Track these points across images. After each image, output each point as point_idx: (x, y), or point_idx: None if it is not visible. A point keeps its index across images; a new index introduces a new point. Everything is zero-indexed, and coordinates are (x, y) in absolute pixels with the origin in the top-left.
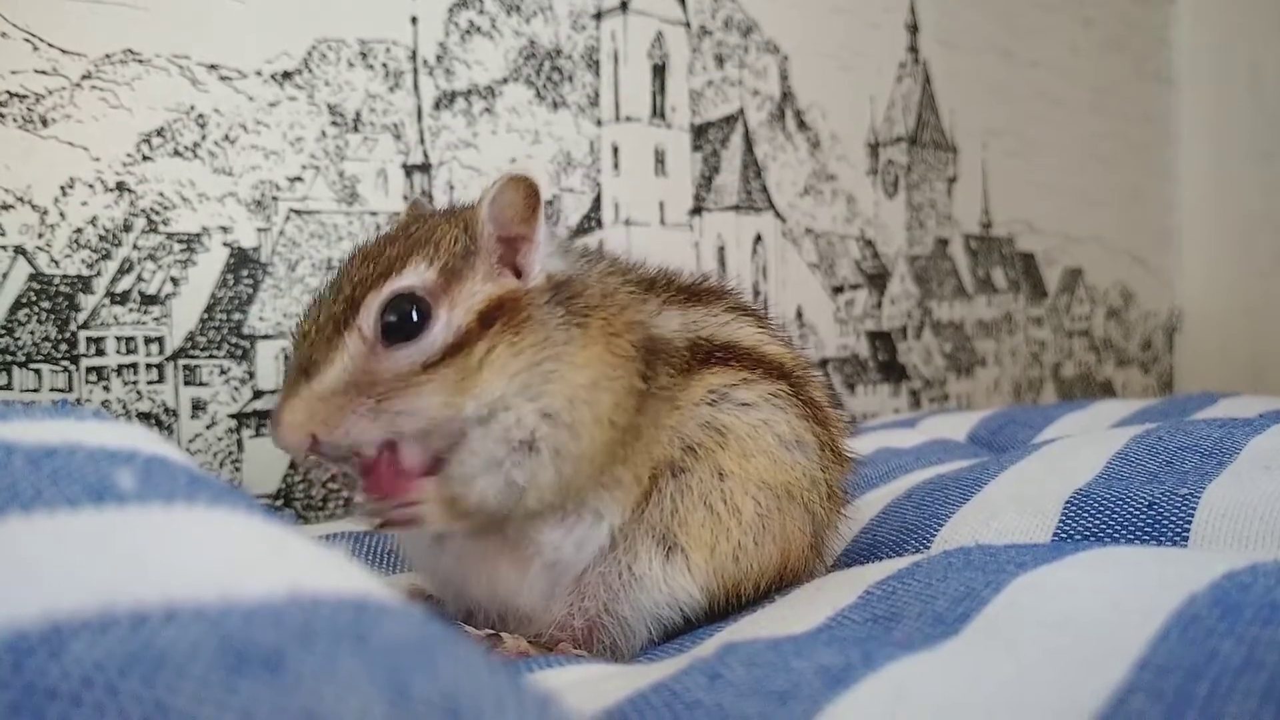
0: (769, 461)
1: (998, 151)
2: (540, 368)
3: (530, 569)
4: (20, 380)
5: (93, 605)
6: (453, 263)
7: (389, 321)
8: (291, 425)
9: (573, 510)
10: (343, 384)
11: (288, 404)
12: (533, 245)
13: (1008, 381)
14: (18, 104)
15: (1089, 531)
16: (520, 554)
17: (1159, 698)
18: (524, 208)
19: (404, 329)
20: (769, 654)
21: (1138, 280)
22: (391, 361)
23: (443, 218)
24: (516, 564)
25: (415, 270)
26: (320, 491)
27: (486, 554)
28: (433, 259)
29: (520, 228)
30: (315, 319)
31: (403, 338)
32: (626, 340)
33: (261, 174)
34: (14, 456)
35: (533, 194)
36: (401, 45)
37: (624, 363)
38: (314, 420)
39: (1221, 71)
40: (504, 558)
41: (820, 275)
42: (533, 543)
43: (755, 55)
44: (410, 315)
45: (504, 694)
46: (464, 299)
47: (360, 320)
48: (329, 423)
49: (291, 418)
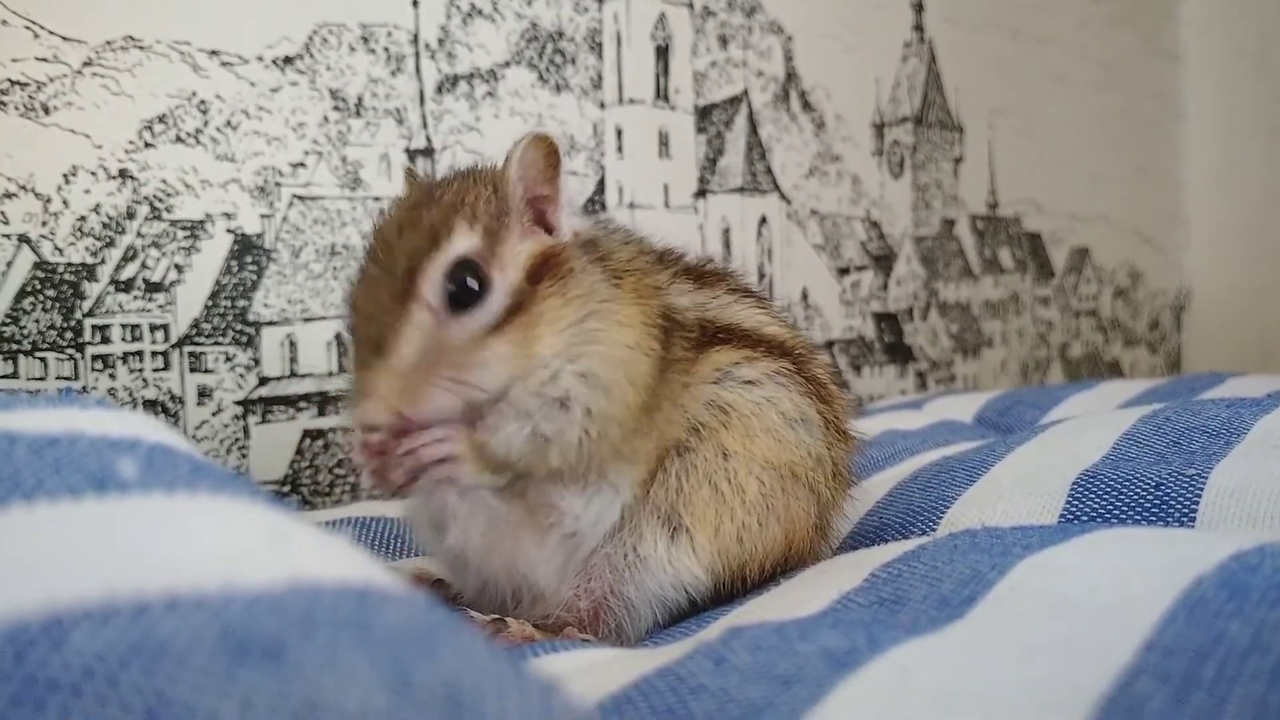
0: (773, 440)
1: (1004, 131)
2: (586, 324)
3: (549, 540)
4: (26, 369)
5: (94, 595)
6: (491, 225)
7: (452, 290)
8: (379, 405)
9: (594, 481)
10: (418, 356)
11: (371, 383)
12: (558, 202)
13: (1015, 362)
14: (19, 92)
15: (1096, 513)
16: (540, 524)
17: (1165, 680)
18: (546, 166)
19: (467, 296)
20: (773, 638)
21: (1145, 259)
22: (459, 329)
23: (466, 180)
24: (536, 535)
25: (462, 235)
26: (327, 477)
27: (509, 525)
28: (473, 222)
29: (543, 187)
30: (372, 294)
31: (466, 305)
32: (653, 306)
33: (264, 160)
34: (16, 446)
35: (553, 152)
36: (403, 29)
37: (654, 328)
38: (399, 397)
39: (1229, 47)
40: (525, 529)
41: (826, 257)
42: (554, 510)
43: (759, 36)
44: (470, 282)
45: (506, 681)
46: (510, 259)
47: (423, 291)
48: (414, 398)
49: (378, 396)
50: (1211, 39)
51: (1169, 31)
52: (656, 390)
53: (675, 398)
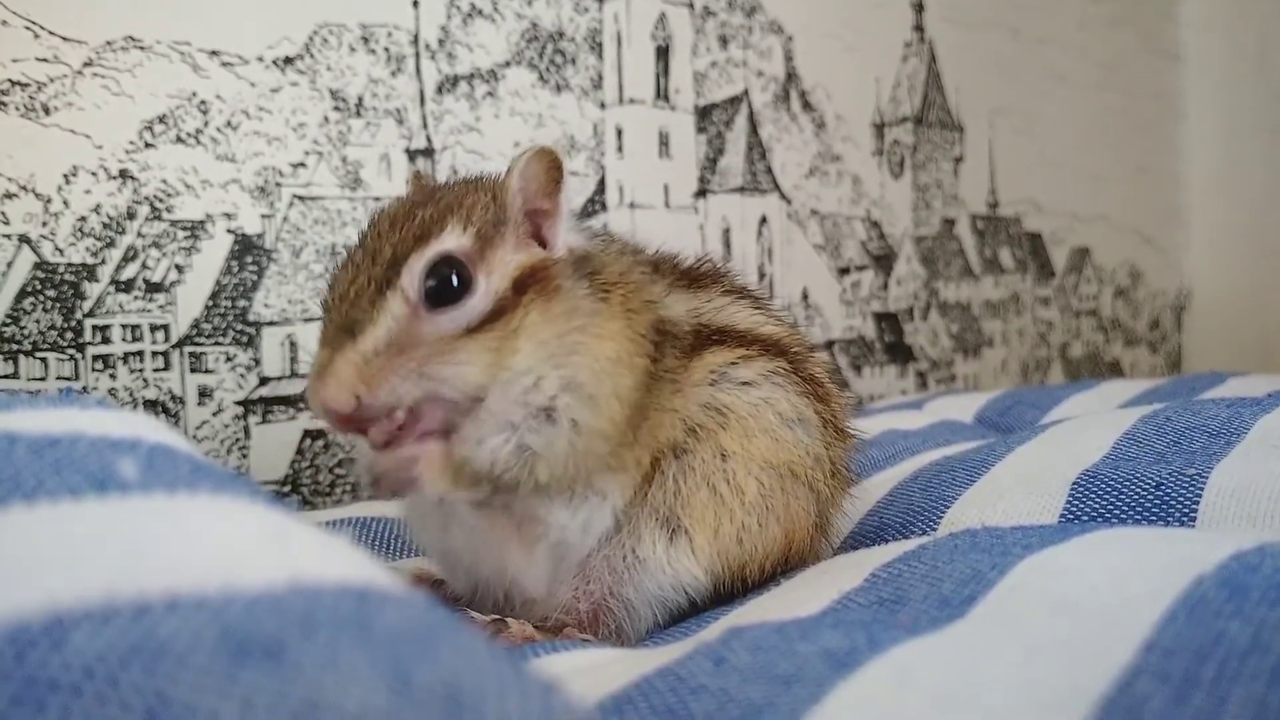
0: (770, 440)
1: (1004, 130)
2: (568, 338)
3: (537, 549)
4: (27, 369)
5: (95, 596)
6: (485, 230)
7: (432, 285)
8: (338, 385)
9: (580, 492)
10: (386, 345)
11: (332, 364)
12: (557, 217)
13: (1015, 362)
14: (19, 92)
15: (1096, 512)
16: (527, 534)
17: (1165, 680)
18: (547, 181)
19: (447, 293)
20: (774, 638)
21: (1146, 259)
22: (434, 325)
23: (468, 186)
24: (524, 544)
25: (453, 234)
26: (327, 477)
27: (495, 533)
28: (466, 224)
29: (544, 201)
30: (352, 280)
31: (445, 302)
32: (643, 319)
33: (264, 160)
34: (17, 446)
35: (556, 167)
36: (403, 29)
37: (641, 341)
38: (359, 380)
39: (1230, 47)
40: (512, 538)
41: (826, 257)
42: (540, 522)
43: (759, 36)
44: (452, 280)
45: (506, 681)
46: (499, 266)
47: (403, 282)
48: (373, 383)
49: (337, 378)
50: (1212, 39)
51: (1169, 31)
52: (644, 402)
53: (665, 405)
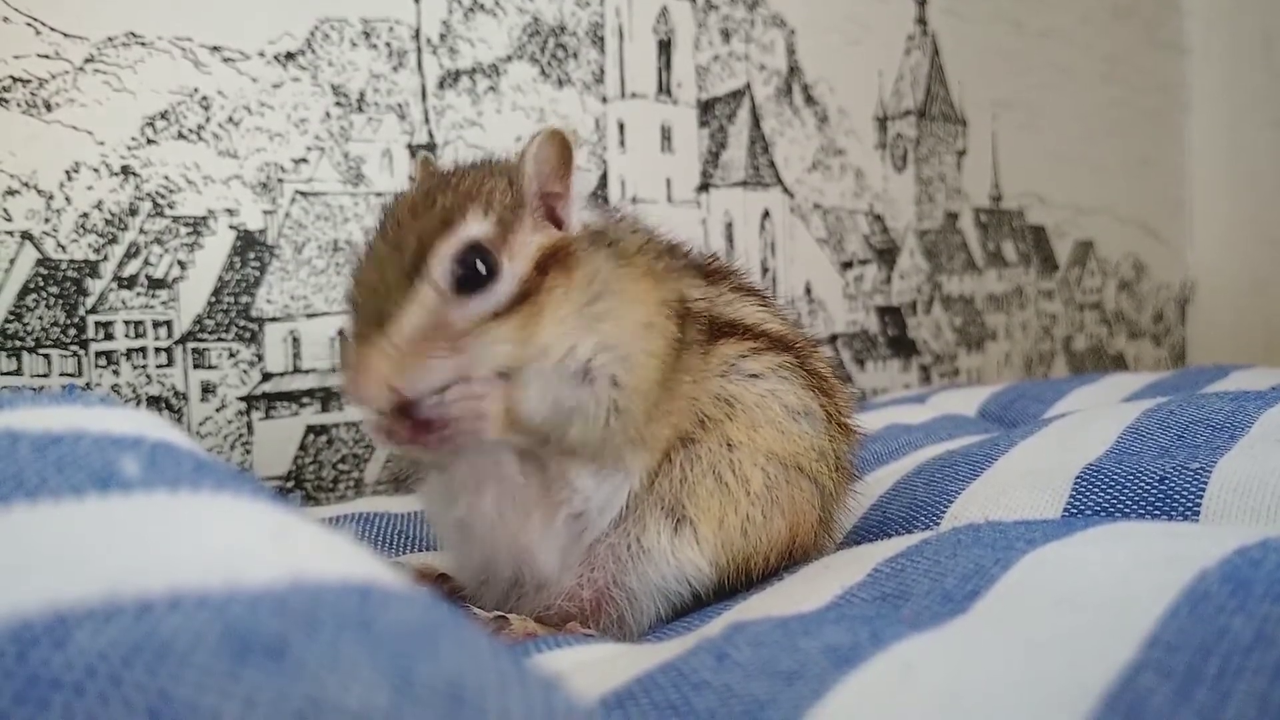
0: (777, 432)
1: (1007, 123)
2: (596, 305)
3: (557, 518)
4: (30, 365)
5: (97, 594)
6: (505, 215)
7: (460, 273)
8: (374, 380)
9: (610, 465)
10: (419, 334)
11: (368, 356)
12: (569, 197)
13: (1018, 356)
14: (21, 89)
15: (1100, 507)
16: (554, 497)
17: (1168, 675)
18: (559, 163)
19: (475, 280)
20: (776, 633)
21: (1149, 252)
22: (464, 312)
23: (482, 170)
24: (547, 510)
25: (476, 220)
26: (330, 473)
27: (521, 497)
28: (488, 210)
29: (556, 183)
30: (378, 270)
31: (473, 289)
32: (668, 286)
33: (266, 156)
34: (19, 444)
35: (567, 149)
36: (405, 24)
37: (666, 307)
38: (396, 372)
39: (1233, 39)
40: (539, 502)
41: (829, 251)
42: (568, 485)
43: (761, 29)
44: (479, 266)
45: (508, 678)
46: (520, 249)
47: (432, 270)
48: (410, 374)
49: (373, 370)
50: (1216, 31)
51: (1173, 23)
52: (675, 368)
53: (695, 375)
